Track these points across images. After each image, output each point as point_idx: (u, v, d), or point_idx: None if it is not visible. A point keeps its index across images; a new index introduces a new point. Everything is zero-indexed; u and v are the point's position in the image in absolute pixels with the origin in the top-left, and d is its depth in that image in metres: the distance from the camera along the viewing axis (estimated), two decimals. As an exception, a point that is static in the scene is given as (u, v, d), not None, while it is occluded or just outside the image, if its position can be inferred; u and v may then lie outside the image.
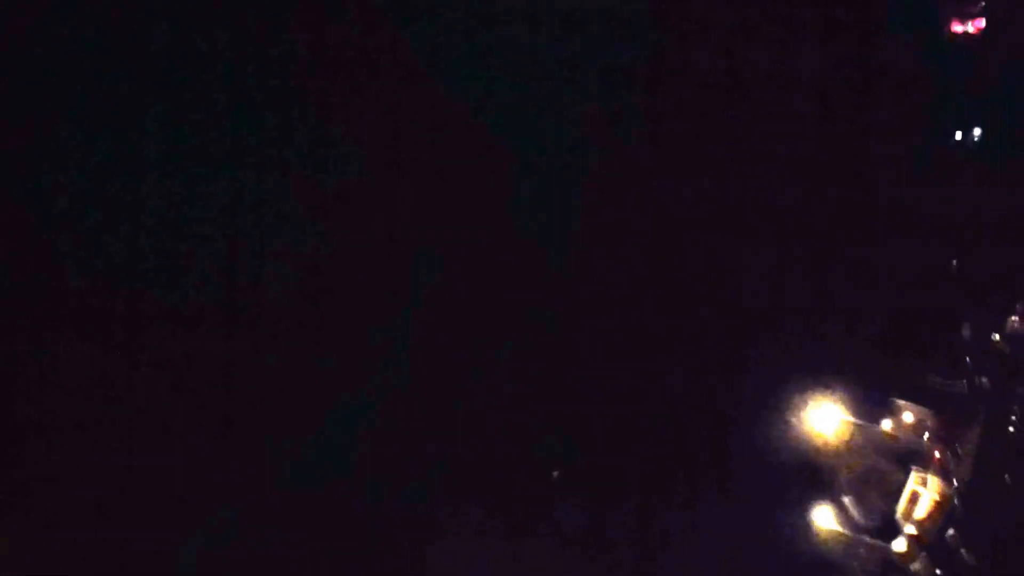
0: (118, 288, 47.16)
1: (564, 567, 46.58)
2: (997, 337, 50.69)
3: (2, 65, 46.44)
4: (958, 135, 51.80)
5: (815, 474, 48.77)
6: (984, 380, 50.08)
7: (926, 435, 49.41)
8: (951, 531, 47.95)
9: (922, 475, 48.79)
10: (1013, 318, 50.67)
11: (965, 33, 51.97)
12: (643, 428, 48.34)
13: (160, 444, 45.76)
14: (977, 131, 51.82)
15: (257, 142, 48.50)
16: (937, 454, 48.94)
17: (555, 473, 48.66)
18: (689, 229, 49.99)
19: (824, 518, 48.58)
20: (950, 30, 52.03)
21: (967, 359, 50.30)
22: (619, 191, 49.92)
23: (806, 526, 48.39)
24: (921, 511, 48.43)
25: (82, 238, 47.46)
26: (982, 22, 51.94)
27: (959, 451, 49.16)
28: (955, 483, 48.50)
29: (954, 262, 50.64)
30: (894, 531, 48.15)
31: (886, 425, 49.62)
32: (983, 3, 52.07)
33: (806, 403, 49.14)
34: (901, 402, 49.67)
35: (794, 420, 49.07)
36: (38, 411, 45.91)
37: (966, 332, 50.62)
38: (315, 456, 46.09)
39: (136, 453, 45.57)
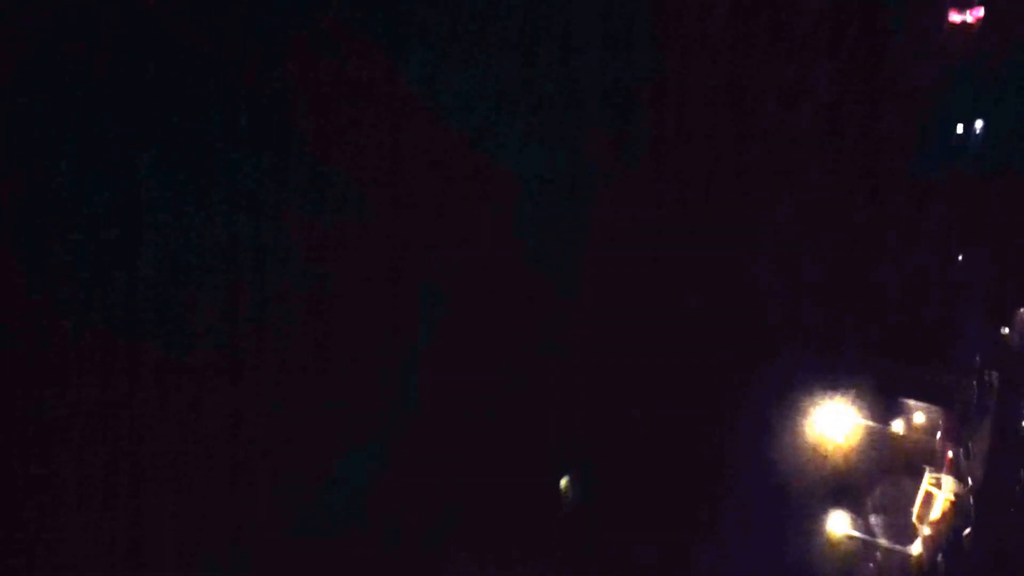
0: (118, 340, 46.10)
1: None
2: (1005, 331, 50.94)
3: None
4: (959, 128, 51.46)
5: (829, 479, 48.39)
6: (993, 375, 50.15)
7: (938, 435, 49.14)
8: (967, 530, 47.76)
9: (936, 476, 48.54)
10: (1020, 310, 50.97)
11: (964, 23, 51.46)
12: (658, 440, 47.03)
13: (167, 497, 44.76)
14: (979, 124, 51.41)
15: (253, 184, 47.36)
16: (949, 453, 48.77)
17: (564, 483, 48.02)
18: (699, 246, 49.13)
19: (839, 523, 48.09)
20: (949, 21, 51.48)
21: (975, 355, 50.23)
22: (626, 214, 48.82)
23: (821, 531, 47.95)
24: (936, 512, 48.22)
25: (80, 289, 46.45)
26: (981, 11, 51.43)
27: (971, 448, 49.10)
28: (969, 482, 48.42)
29: (959, 258, 50.83)
30: (911, 534, 47.81)
31: (897, 427, 49.29)
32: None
33: (818, 408, 48.82)
34: (911, 402, 49.43)
35: (806, 426, 48.78)
36: (43, 469, 45.00)
37: (972, 328, 50.56)
38: (327, 503, 44.95)
39: (143, 508, 44.57)
